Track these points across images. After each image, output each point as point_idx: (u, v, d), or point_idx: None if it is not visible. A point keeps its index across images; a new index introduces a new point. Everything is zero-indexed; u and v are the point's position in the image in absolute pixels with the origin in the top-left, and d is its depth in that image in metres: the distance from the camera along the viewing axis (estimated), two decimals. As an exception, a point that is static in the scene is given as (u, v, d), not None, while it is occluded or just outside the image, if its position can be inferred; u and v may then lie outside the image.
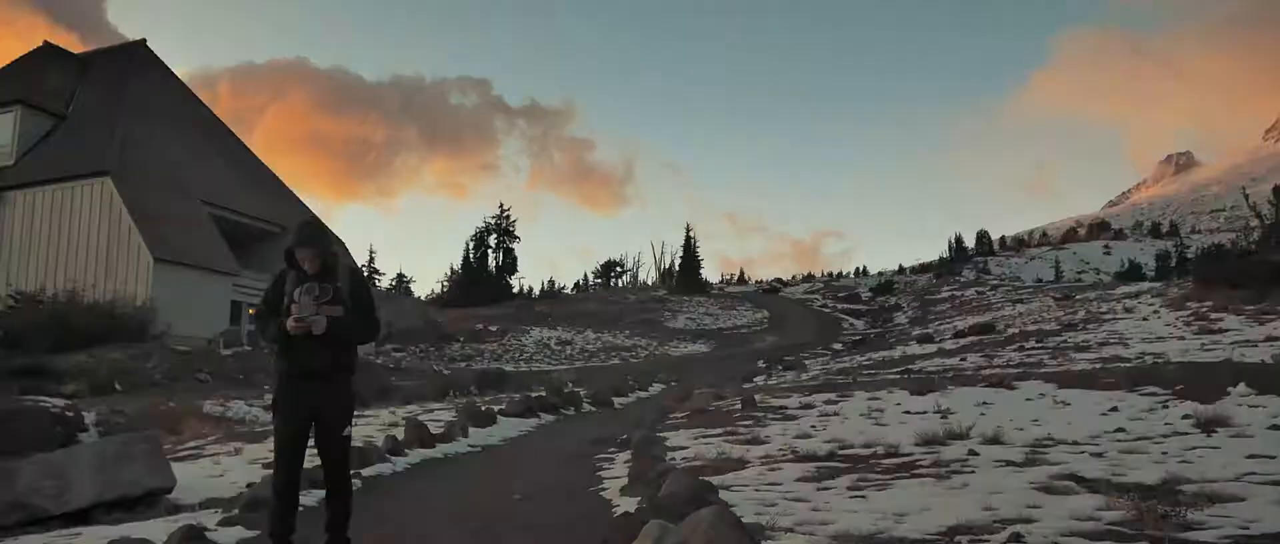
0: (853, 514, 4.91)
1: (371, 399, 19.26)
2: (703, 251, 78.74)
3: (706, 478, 6.31)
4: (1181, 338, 20.94)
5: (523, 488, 7.36)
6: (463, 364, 36.54)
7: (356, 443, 9.57)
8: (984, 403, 10.35)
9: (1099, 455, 6.63)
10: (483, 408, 13.91)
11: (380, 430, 11.68)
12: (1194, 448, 6.86)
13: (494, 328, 44.88)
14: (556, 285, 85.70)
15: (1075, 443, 7.36)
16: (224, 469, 9.05)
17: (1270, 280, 28.49)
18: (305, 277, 4.65)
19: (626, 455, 8.94)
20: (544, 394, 16.83)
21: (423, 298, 68.46)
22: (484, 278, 67.05)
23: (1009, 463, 6.44)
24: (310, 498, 5.69)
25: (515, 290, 70.64)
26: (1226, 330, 21.43)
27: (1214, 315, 24.96)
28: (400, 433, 10.49)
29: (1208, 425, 7.97)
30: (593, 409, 16.77)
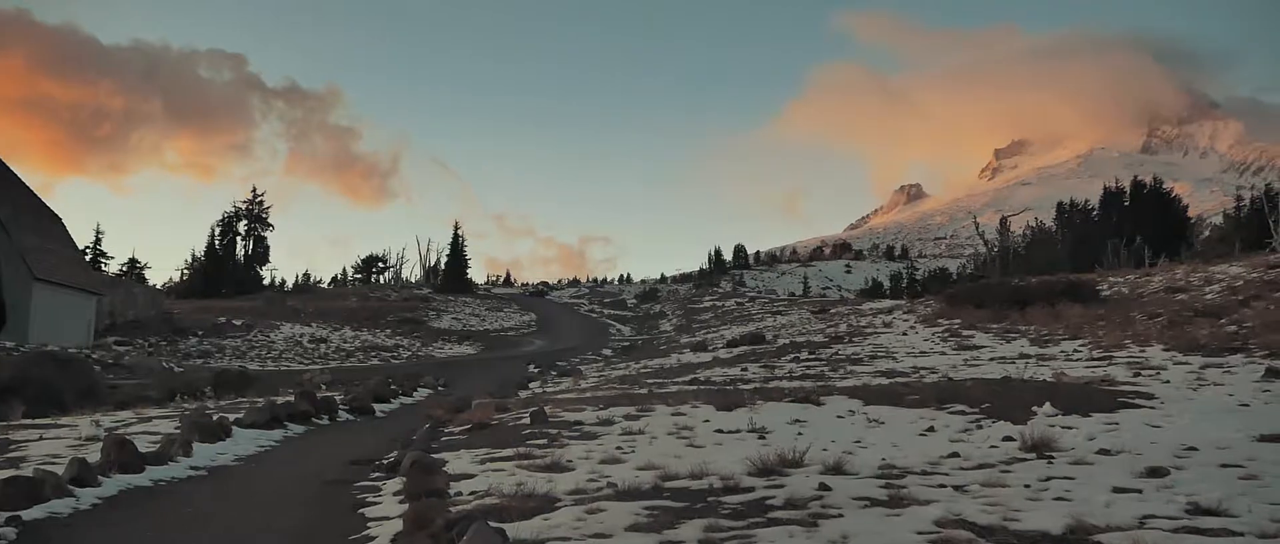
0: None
1: (71, 403, 16.02)
2: (470, 251, 76.24)
3: (510, 525, 4.83)
4: (943, 353, 21.71)
5: (254, 538, 5.52)
6: (199, 361, 32.48)
7: (27, 469, 7.22)
8: (797, 420, 9.54)
9: (962, 491, 5.80)
10: (216, 417, 11.56)
11: (72, 448, 9.19)
12: (1049, 478, 6.22)
13: (239, 322, 40.53)
14: (312, 279, 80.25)
15: (924, 472, 6.54)
16: None
17: (1009, 301, 30.71)
18: None
19: (397, 484, 7.25)
20: (293, 399, 14.52)
21: (158, 286, 61.35)
22: (230, 267, 61.26)
23: (872, 501, 5.45)
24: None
25: (266, 282, 65.18)
26: (981, 347, 22.51)
27: (966, 332, 26.34)
28: (96, 452, 8.16)
29: (1038, 449, 7.49)
30: (351, 418, 14.67)
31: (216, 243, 61.50)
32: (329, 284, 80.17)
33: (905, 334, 28.17)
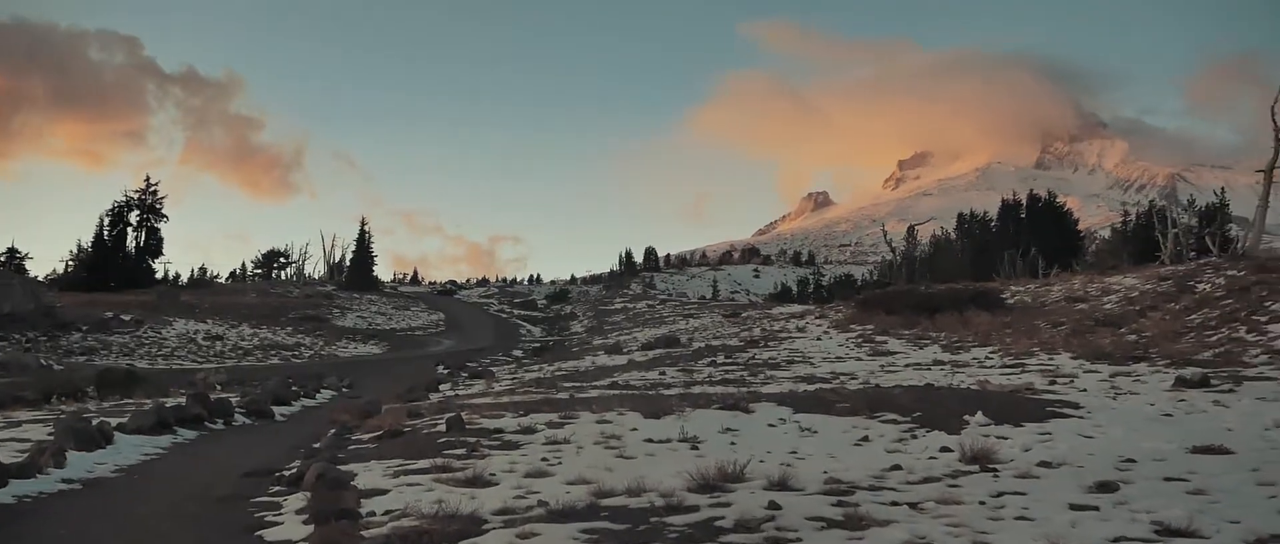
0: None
1: (-69, 405, 14.61)
2: (377, 248, 74.14)
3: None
4: (859, 359, 21.76)
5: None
6: (82, 359, 30.45)
7: None
8: (728, 429, 9.16)
9: (918, 509, 5.49)
10: (96, 422, 10.54)
11: (-77, 457, 8.16)
12: (1001, 494, 5.97)
13: (128, 317, 38.25)
14: (210, 273, 76.88)
15: (873, 487, 6.22)
16: None
17: (919, 308, 31.19)
18: None
19: (300, 501, 6.58)
20: (185, 401, 13.50)
21: (39, 278, 57.68)
22: (120, 259, 58.05)
23: (828, 522, 5.09)
24: None
25: (159, 276, 61.99)
26: (895, 353, 22.66)
27: (879, 338, 26.56)
28: (-50, 464, 7.23)
29: (979, 461, 7.28)
30: (248, 421, 13.73)
31: (105, 234, 58.19)
32: (227, 279, 77.04)
33: (820, 339, 28.29)
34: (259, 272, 77.07)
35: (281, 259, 77.39)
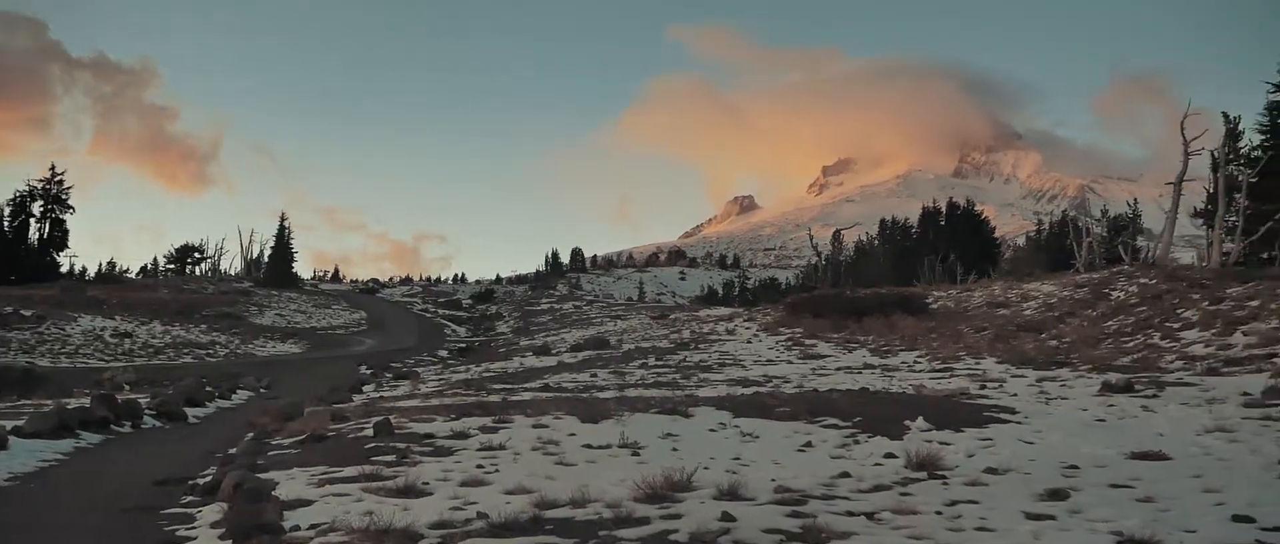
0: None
1: None
2: (297, 245, 72.25)
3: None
4: (790, 362, 21.80)
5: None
6: (-25, 357, 28.72)
7: None
8: (669, 434, 8.92)
9: (875, 520, 5.32)
10: (-13, 425, 9.78)
11: None
12: (955, 502, 5.85)
13: (29, 312, 36.26)
14: (119, 268, 73.83)
15: (825, 496, 6.04)
16: None
17: (846, 312, 31.51)
18: None
19: (216, 512, 6.11)
20: (89, 402, 12.70)
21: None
22: (22, 252, 55.24)
23: (787, 535, 4.89)
24: None
25: (64, 270, 59.17)
26: (825, 356, 22.76)
27: (808, 341, 26.70)
28: None
29: (926, 467, 7.18)
30: (159, 424, 12.98)
31: (6, 225, 55.33)
32: (138, 275, 74.09)
33: (749, 342, 28.33)
34: (172, 267, 74.27)
35: (196, 254, 74.74)
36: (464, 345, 41.17)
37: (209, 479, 7.32)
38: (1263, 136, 32.13)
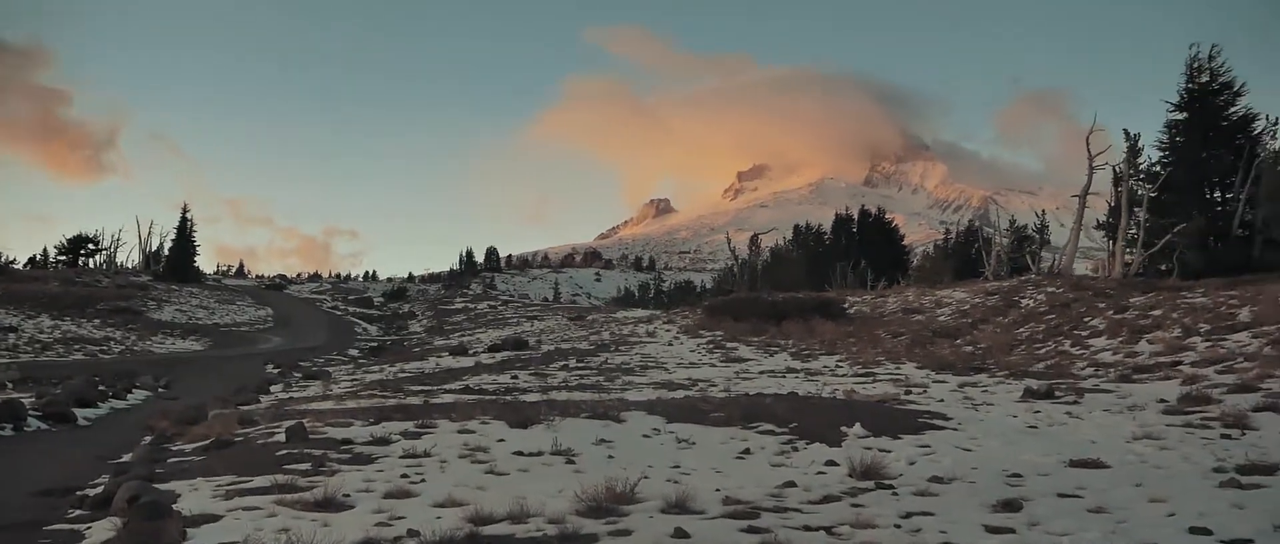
0: None
1: None
2: (200, 238, 69.39)
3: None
4: (713, 365, 21.66)
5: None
6: None
7: None
8: (602, 440, 8.54)
9: (835, 535, 5.05)
10: None
11: None
12: (909, 515, 5.65)
13: (-105, 305, 33.83)
14: (4, 258, 69.60)
15: (776, 508, 5.76)
16: None
17: (766, 316, 31.64)
18: None
19: (108, 529, 5.48)
20: (-38, 405, 11.65)
21: None
22: (-110, 239, 51.59)
23: (747, 553, 4.55)
24: None
25: (-64, 259, 55.55)
26: (747, 359, 22.71)
27: (729, 345, 26.65)
28: None
29: (870, 476, 7.00)
30: (45, 427, 11.99)
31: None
32: (26, 266, 70.01)
33: (671, 345, 28.15)
34: (64, 259, 70.45)
35: (91, 245, 71.08)
36: (376, 344, 40.01)
37: (100, 490, 6.64)
38: (1162, 153, 33.48)
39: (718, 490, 6.35)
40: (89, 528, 5.69)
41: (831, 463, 7.70)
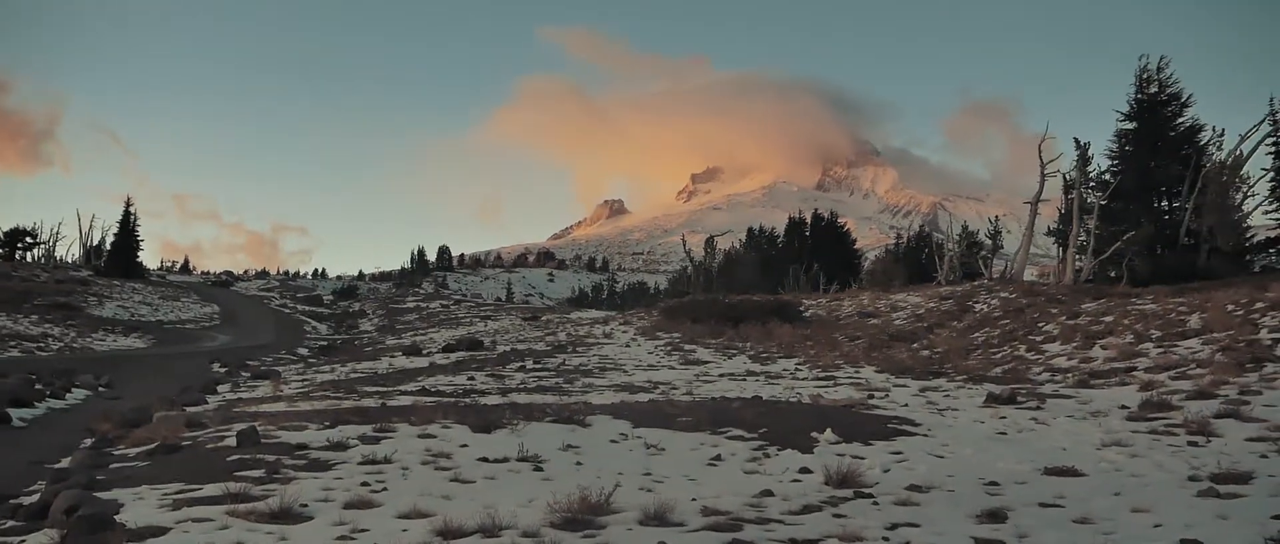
0: None
1: None
2: (144, 232, 67.53)
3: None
4: (672, 367, 21.45)
5: None
6: None
7: None
8: (569, 446, 8.27)
9: (822, 547, 4.84)
10: None
11: None
12: (895, 526, 5.50)
13: None
14: (-67, 251, 67.07)
15: (759, 520, 5.55)
16: None
17: (724, 318, 31.57)
18: None
19: (45, 543, 5.09)
20: (-114, 405, 11.01)
21: None
22: None
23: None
24: None
25: None
26: (707, 362, 22.55)
27: (687, 347, 26.49)
28: None
29: (848, 484, 6.84)
30: (-26, 430, 11.39)
31: None
32: (-45, 258, 67.62)
33: (628, 346, 27.90)
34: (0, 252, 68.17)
35: (28, 239, 68.81)
36: (326, 343, 39.20)
37: (36, 499, 6.21)
38: (1112, 162, 34.09)
39: (694, 500, 6.13)
40: (23, 541, 5.27)
41: (805, 470, 7.52)
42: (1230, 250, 30.16)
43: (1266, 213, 31.90)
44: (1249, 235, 31.79)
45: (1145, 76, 33.32)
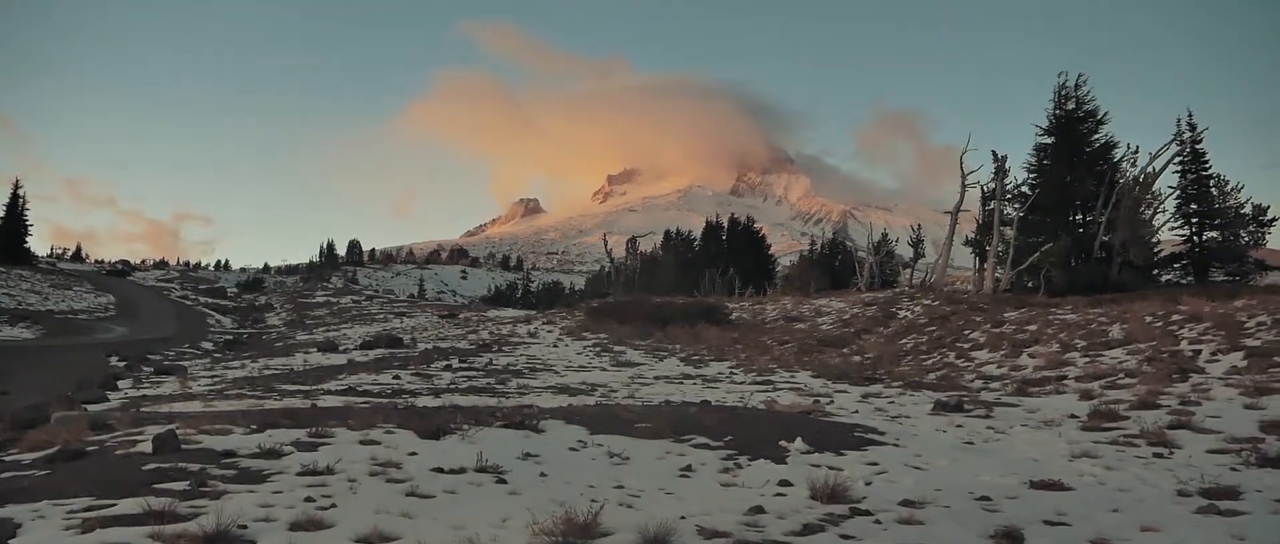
0: None
1: None
2: (32, 217, 63.59)
3: None
4: (604, 369, 20.88)
5: None
6: None
7: None
8: (528, 454, 7.61)
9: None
10: None
11: None
12: (908, 549, 5.01)
13: None
14: None
15: (765, 542, 5.01)
16: None
17: (651, 320, 31.12)
18: None
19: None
20: None
21: None
22: None
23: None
24: None
25: None
26: (639, 364, 22.03)
27: (617, 348, 25.93)
28: None
29: (838, 499, 6.40)
30: None
31: None
32: None
33: (556, 346, 27.20)
34: None
35: (-101, 221, 64.22)
36: (232, 338, 37.37)
37: (-87, 514, 5.27)
38: (1030, 175, 34.88)
39: (684, 518, 5.57)
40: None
41: (786, 482, 7.05)
42: (1141, 264, 31.11)
43: (1173, 229, 33.06)
44: (1157, 250, 32.90)
45: (1064, 93, 34.19)
